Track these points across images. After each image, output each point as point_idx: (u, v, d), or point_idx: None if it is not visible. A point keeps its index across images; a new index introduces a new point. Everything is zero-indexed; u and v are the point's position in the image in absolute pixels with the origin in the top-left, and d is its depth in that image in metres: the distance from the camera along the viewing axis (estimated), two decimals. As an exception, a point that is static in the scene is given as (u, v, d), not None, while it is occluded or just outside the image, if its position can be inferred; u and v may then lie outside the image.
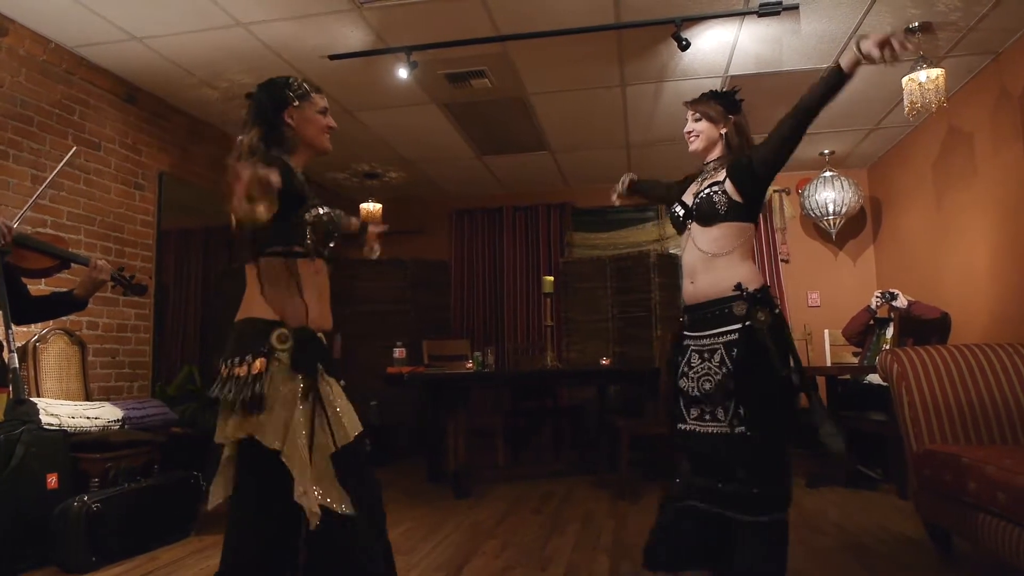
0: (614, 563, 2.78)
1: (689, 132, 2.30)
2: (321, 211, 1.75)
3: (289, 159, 1.79)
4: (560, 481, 4.69)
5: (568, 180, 6.79)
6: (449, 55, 4.04)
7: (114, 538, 2.88)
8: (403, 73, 3.99)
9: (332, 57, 3.99)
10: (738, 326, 1.99)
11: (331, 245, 1.79)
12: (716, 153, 2.24)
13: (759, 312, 1.99)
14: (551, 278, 5.52)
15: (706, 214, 2.13)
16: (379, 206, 6.41)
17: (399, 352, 4.94)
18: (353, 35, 3.80)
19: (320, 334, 1.73)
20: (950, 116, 4.64)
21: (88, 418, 3.27)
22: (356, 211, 6.47)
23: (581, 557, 2.89)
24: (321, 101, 1.88)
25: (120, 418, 3.43)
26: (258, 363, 1.60)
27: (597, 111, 4.99)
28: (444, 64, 4.18)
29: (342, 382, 1.80)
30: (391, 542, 1.74)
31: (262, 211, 1.49)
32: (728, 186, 2.10)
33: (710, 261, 2.09)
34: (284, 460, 1.53)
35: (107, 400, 3.78)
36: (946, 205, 4.83)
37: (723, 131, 2.24)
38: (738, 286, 2.02)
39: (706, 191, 2.15)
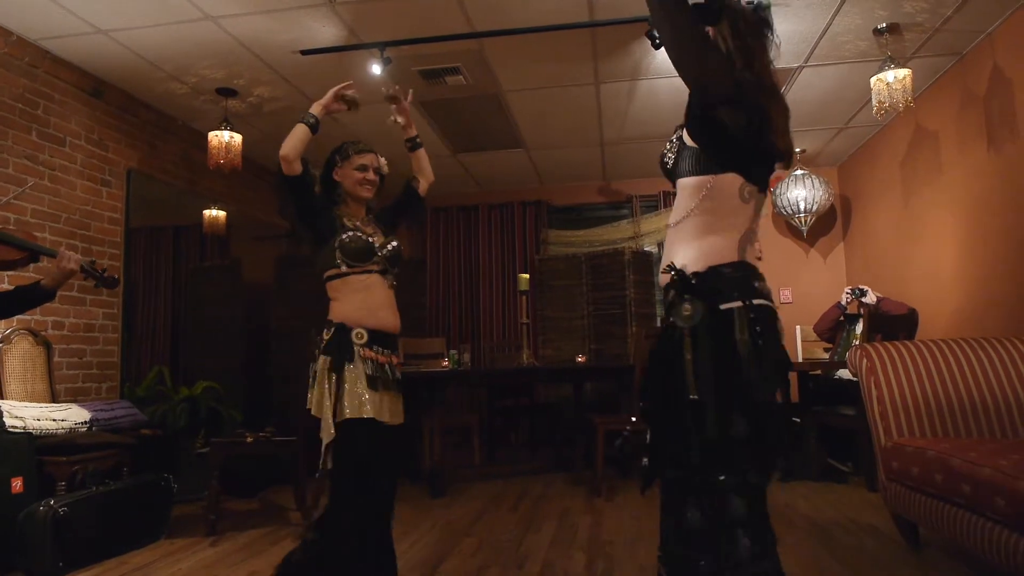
0: (590, 559, 2.79)
1: None
2: (345, 237, 2.15)
3: (341, 206, 2.28)
4: (536, 479, 4.70)
5: (543, 178, 6.80)
6: (423, 51, 4.02)
7: (82, 543, 2.82)
8: (376, 69, 3.96)
9: (304, 52, 3.94)
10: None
11: (367, 261, 2.17)
12: None
13: (684, 306, 1.49)
14: (527, 276, 5.52)
15: (665, 170, 1.67)
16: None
17: (374, 351, 4.90)
18: (325, 30, 3.75)
19: (359, 331, 2.10)
20: (917, 116, 4.74)
21: (54, 420, 3.19)
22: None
23: (557, 554, 2.89)
24: (360, 159, 2.29)
25: (87, 420, 3.36)
26: (317, 352, 2.14)
27: (572, 109, 5.00)
28: (418, 61, 4.16)
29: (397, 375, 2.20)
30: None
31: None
32: (686, 130, 1.57)
33: (670, 233, 1.63)
34: (317, 414, 2.08)
35: (74, 402, 3.70)
36: (913, 203, 4.92)
37: None
38: (670, 267, 1.54)
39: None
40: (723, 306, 1.47)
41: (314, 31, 3.76)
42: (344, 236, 2.13)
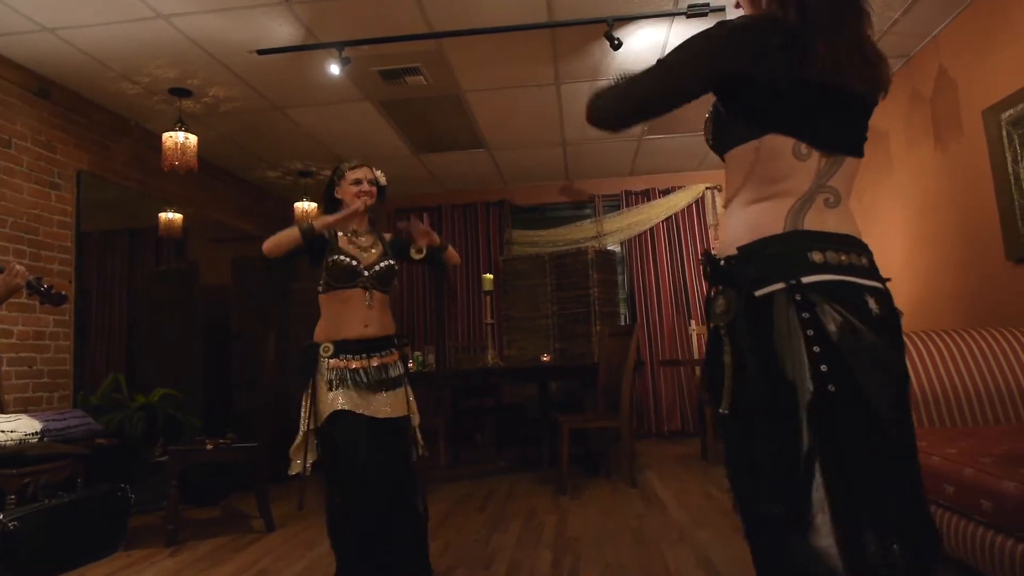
0: (556, 557, 2.81)
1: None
2: (330, 260, 2.37)
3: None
4: (503, 479, 4.70)
5: (506, 178, 6.81)
6: (383, 51, 3.99)
7: (34, 557, 2.73)
8: (335, 69, 3.91)
9: (260, 52, 3.88)
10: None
11: (350, 283, 2.38)
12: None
13: (718, 300, 1.22)
14: (491, 276, 5.52)
15: (712, 148, 1.37)
16: (314, 205, 6.27)
17: (337, 354, 4.84)
18: (282, 29, 3.70)
19: (325, 344, 2.36)
20: (868, 115, 4.86)
21: (3, 432, 3.09)
22: (290, 211, 6.32)
23: (524, 553, 2.90)
24: (354, 174, 2.48)
25: (38, 431, 3.26)
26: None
27: (533, 109, 5.02)
28: (378, 61, 4.13)
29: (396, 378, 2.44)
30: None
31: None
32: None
33: (725, 217, 1.34)
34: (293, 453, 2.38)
35: (24, 412, 3.58)
36: (865, 200, 5.06)
37: None
38: (703, 255, 1.30)
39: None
40: (758, 293, 1.15)
41: (270, 30, 3.70)
42: (330, 259, 2.37)
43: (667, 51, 1.33)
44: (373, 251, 2.47)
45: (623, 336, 4.39)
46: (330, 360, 2.32)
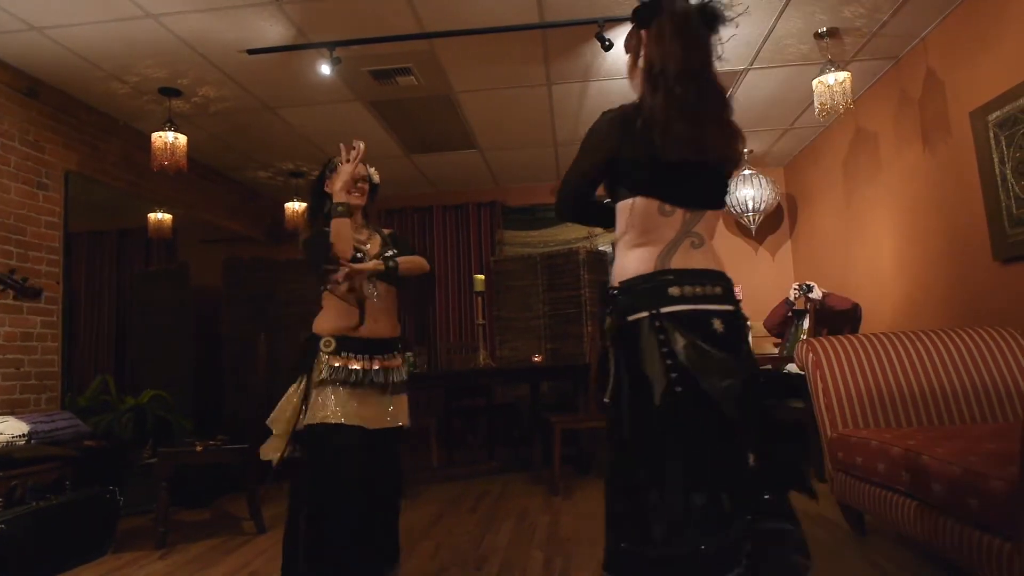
0: (548, 558, 2.81)
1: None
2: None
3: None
4: (495, 479, 4.70)
5: (497, 179, 6.81)
6: (374, 52, 3.98)
7: (22, 561, 2.71)
8: (326, 69, 3.90)
9: (251, 52, 3.86)
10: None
11: (333, 272, 2.17)
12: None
13: (606, 320, 1.63)
14: (482, 277, 5.53)
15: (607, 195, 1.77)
16: (305, 206, 6.24)
17: (328, 355, 4.83)
18: (273, 29, 3.69)
19: (326, 339, 2.22)
20: (857, 117, 4.90)
21: (-11, 434, 3.06)
22: (281, 211, 6.30)
23: (516, 554, 2.90)
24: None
25: (25, 433, 3.23)
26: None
27: (524, 110, 5.02)
28: (369, 61, 4.12)
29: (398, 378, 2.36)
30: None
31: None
32: None
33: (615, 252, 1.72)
34: (269, 424, 2.28)
35: (11, 414, 3.55)
36: (855, 201, 5.09)
37: (639, 61, 1.69)
38: (600, 285, 1.77)
39: None
40: (630, 318, 1.56)
41: (261, 30, 3.69)
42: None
43: None
44: (371, 245, 2.36)
45: (614, 336, 4.39)
46: (330, 356, 2.19)
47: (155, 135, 4.34)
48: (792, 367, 4.64)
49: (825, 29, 3.87)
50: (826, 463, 2.90)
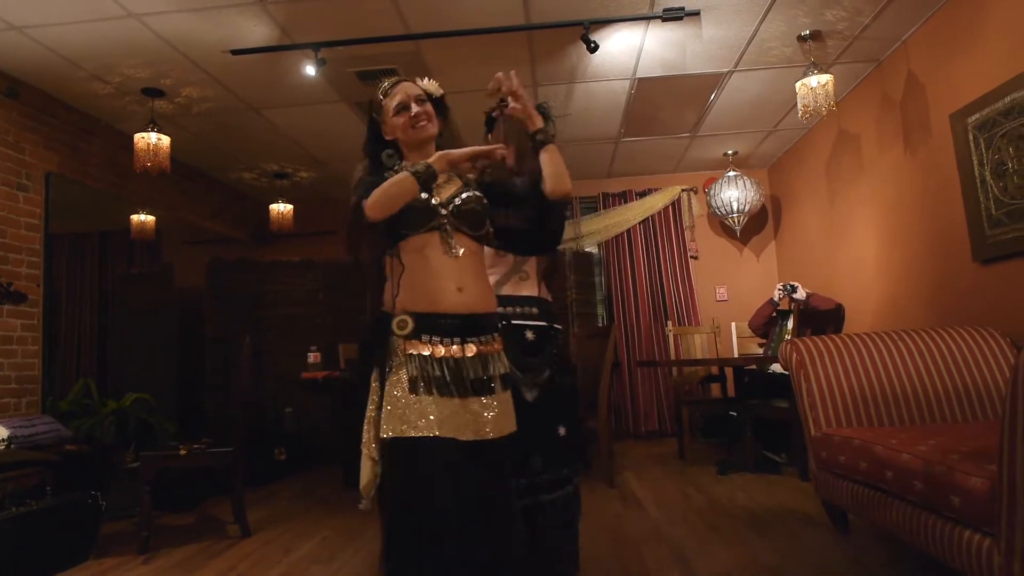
0: (534, 559, 2.81)
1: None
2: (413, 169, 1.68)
3: (407, 163, 1.81)
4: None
5: (484, 180, 6.81)
6: (359, 53, 3.97)
7: (2, 566, 2.67)
8: (311, 70, 3.89)
9: (235, 52, 3.84)
10: None
11: (423, 226, 1.69)
12: None
13: None
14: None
15: None
16: (290, 207, 6.22)
17: (313, 356, 4.82)
18: (257, 30, 3.67)
19: (401, 318, 1.65)
20: (840, 119, 4.95)
21: (-32, 439, 3.01)
22: (266, 213, 6.26)
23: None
24: (392, 101, 1.82)
25: (5, 437, 3.19)
26: None
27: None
28: (354, 62, 4.11)
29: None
30: (309, 553, 1.69)
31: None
32: None
33: None
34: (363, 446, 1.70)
35: (-10, 419, 3.50)
36: (838, 202, 5.14)
37: None
38: None
39: None
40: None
41: (245, 30, 3.67)
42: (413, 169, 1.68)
43: (642, 54, 1.76)
44: (448, 185, 1.78)
45: (600, 337, 4.41)
46: (407, 341, 1.62)
47: (138, 136, 4.30)
48: (776, 367, 4.68)
49: (808, 32, 3.91)
50: (810, 462, 2.92)
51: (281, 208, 6.15)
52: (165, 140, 4.33)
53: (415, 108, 1.79)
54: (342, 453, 5.00)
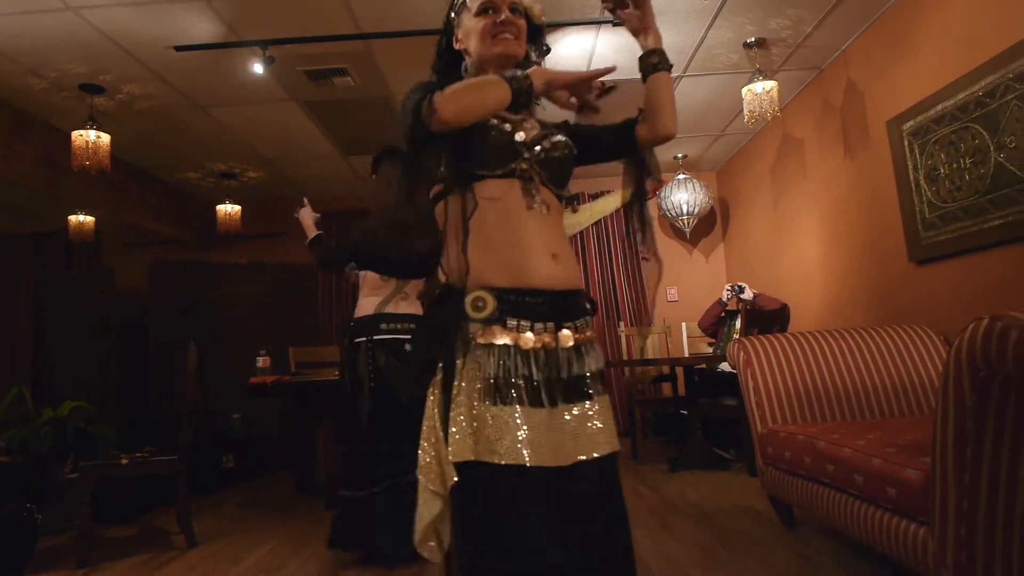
0: (489, 561, 2.80)
1: None
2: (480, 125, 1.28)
3: None
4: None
5: (437, 181, 6.77)
6: (309, 51, 3.91)
7: (-74, 586, 2.53)
8: (259, 68, 3.81)
9: (178, 48, 3.73)
10: None
11: (504, 166, 1.28)
12: None
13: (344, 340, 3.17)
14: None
15: None
16: (238, 208, 6.08)
17: (262, 361, 4.72)
18: (201, 26, 3.57)
19: (478, 295, 1.20)
20: (784, 125, 5.10)
21: None
22: (212, 214, 6.10)
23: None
24: (473, 1, 1.40)
25: (-69, 449, 3.02)
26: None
27: (464, 113, 5.01)
28: (304, 61, 4.04)
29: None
30: (257, 562, 1.65)
31: None
32: None
33: None
34: (419, 473, 1.23)
35: (-86, 430, 3.32)
36: (782, 205, 5.29)
37: None
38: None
39: None
40: (356, 340, 2.93)
41: (189, 26, 3.57)
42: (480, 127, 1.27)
43: (594, 58, 1.63)
44: (529, 126, 1.37)
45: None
46: (485, 328, 1.19)
47: (75, 133, 4.14)
48: (725, 366, 4.78)
49: (753, 39, 4.01)
50: (757, 458, 3.00)
51: (228, 209, 6.00)
52: (105, 138, 4.18)
53: (505, 14, 1.37)
54: (294, 459, 4.91)
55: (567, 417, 1.22)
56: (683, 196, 6.10)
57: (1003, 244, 2.96)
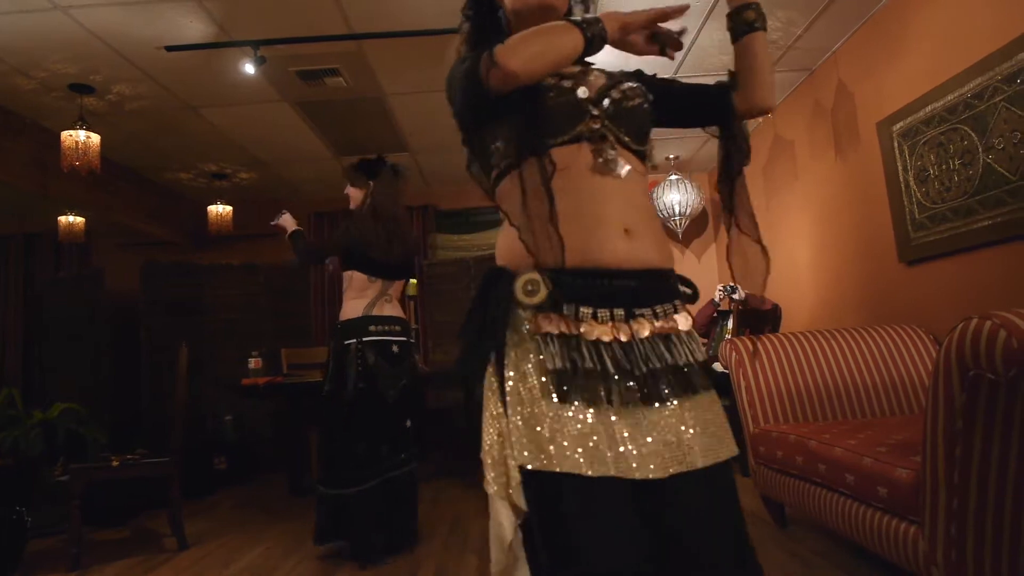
0: (482, 561, 2.81)
1: None
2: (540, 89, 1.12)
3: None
4: (427, 485, 4.66)
5: (429, 182, 6.77)
6: (301, 52, 3.89)
7: (-86, 591, 2.51)
8: (250, 69, 3.79)
9: (169, 48, 3.71)
10: None
11: (570, 130, 1.13)
12: None
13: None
14: (415, 280, 5.48)
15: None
16: (229, 209, 6.05)
17: (254, 362, 4.70)
18: (192, 26, 3.55)
19: (529, 277, 1.05)
20: (775, 126, 5.12)
21: None
22: (204, 215, 6.07)
23: (450, 558, 2.89)
24: None
25: (-81, 453, 3.00)
26: None
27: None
28: (295, 61, 4.03)
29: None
30: (249, 564, 1.65)
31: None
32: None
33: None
34: (486, 486, 1.09)
35: (-98, 433, 3.29)
36: (774, 206, 5.31)
37: None
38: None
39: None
40: (346, 342, 2.99)
41: (180, 26, 3.55)
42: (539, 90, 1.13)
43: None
44: (595, 78, 1.21)
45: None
46: (540, 316, 1.05)
47: (64, 134, 4.11)
48: (717, 366, 4.79)
49: (744, 41, 4.02)
50: (749, 458, 3.01)
51: (220, 210, 5.98)
52: (95, 138, 4.16)
53: None
54: (286, 460, 4.90)
55: (650, 420, 1.02)
56: (675, 197, 6.12)
57: (992, 245, 2.98)
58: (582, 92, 1.14)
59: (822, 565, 2.50)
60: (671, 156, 6.22)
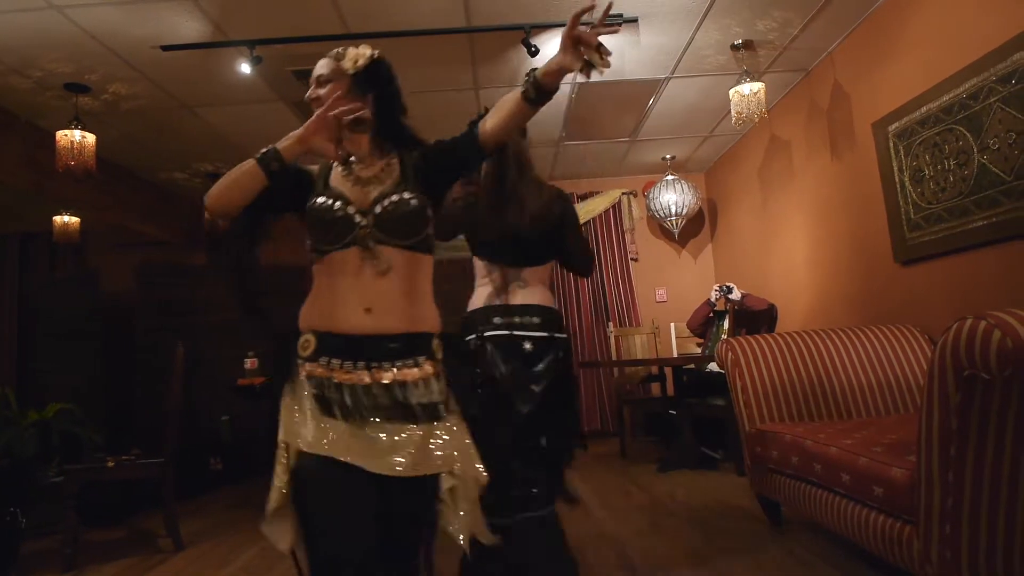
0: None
1: None
2: (310, 204, 1.55)
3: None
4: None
5: (426, 182, 6.76)
6: (296, 51, 3.89)
7: (-93, 592, 2.50)
8: (246, 68, 3.79)
9: (165, 48, 3.70)
10: None
11: (338, 240, 1.51)
12: None
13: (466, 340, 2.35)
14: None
15: None
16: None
17: (250, 363, 4.69)
18: (188, 25, 3.55)
19: (305, 337, 1.53)
20: (771, 126, 5.13)
21: None
22: (200, 214, 6.05)
23: (445, 557, 2.88)
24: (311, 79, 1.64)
25: (-87, 453, 2.99)
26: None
27: (452, 113, 5.00)
28: (291, 60, 4.02)
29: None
30: (245, 565, 1.65)
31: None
32: None
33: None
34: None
35: None
36: (770, 206, 5.32)
37: None
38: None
39: None
40: (467, 338, 2.25)
41: (176, 26, 3.54)
42: (311, 203, 1.55)
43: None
44: (378, 183, 1.58)
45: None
46: (308, 364, 1.50)
47: (60, 133, 4.10)
48: (714, 366, 4.80)
49: (740, 41, 4.04)
50: (745, 457, 3.01)
51: (216, 210, 5.96)
52: (90, 138, 4.15)
53: (313, 91, 1.64)
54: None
55: (381, 435, 1.44)
56: (671, 197, 6.13)
57: (986, 245, 2.99)
58: (350, 209, 1.52)
59: (817, 564, 2.51)
60: (667, 157, 6.23)
